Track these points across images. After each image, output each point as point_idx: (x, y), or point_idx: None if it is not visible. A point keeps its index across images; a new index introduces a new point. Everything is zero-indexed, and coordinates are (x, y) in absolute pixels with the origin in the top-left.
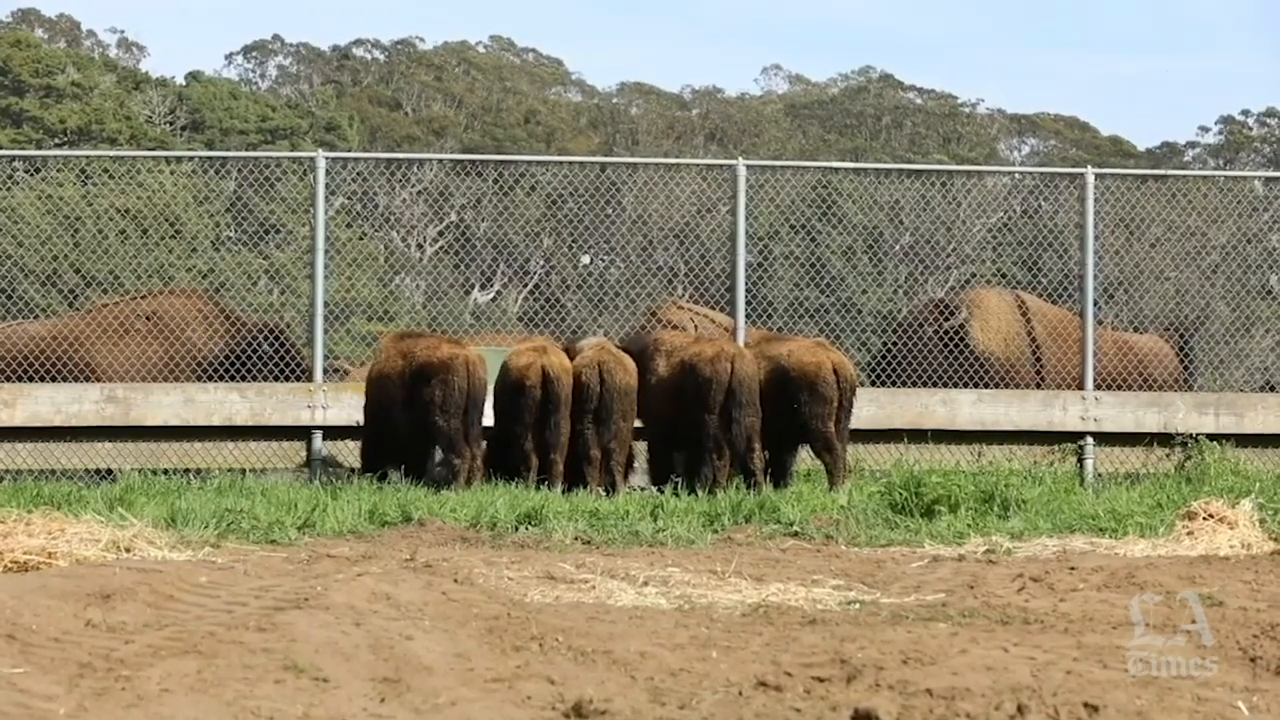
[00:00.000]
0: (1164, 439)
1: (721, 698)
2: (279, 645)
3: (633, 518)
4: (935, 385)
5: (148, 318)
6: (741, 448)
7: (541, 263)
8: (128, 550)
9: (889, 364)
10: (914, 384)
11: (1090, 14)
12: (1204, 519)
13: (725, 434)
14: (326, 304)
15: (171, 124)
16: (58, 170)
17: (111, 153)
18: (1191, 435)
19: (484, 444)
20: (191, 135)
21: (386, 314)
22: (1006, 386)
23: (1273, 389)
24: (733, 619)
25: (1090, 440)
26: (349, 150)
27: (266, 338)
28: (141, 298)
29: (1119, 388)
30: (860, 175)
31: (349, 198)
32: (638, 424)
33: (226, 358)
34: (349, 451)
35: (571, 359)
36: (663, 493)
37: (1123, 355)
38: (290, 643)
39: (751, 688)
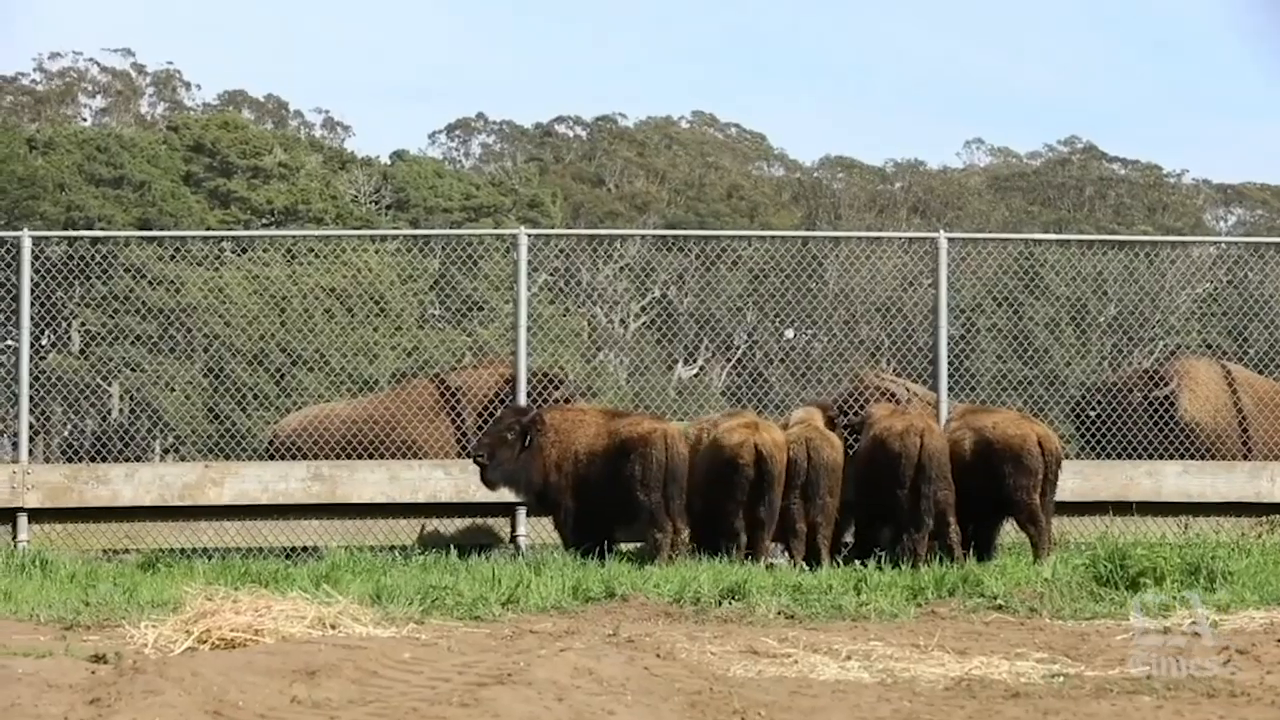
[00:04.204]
0: None
1: None
2: None
3: (836, 592)
4: (1140, 454)
5: (456, 392)
6: (933, 522)
7: (745, 337)
8: (333, 627)
9: (1091, 430)
10: (1119, 452)
11: None
12: None
13: (916, 508)
14: (530, 380)
15: (376, 203)
16: (265, 250)
17: (318, 232)
18: None
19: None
20: (396, 214)
21: (590, 390)
22: (1214, 457)
23: None
24: (935, 692)
25: None
26: (552, 227)
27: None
28: (449, 372)
29: None
30: (1064, 247)
31: (552, 274)
32: None
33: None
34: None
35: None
36: (866, 566)
37: None
38: (493, 718)
39: None
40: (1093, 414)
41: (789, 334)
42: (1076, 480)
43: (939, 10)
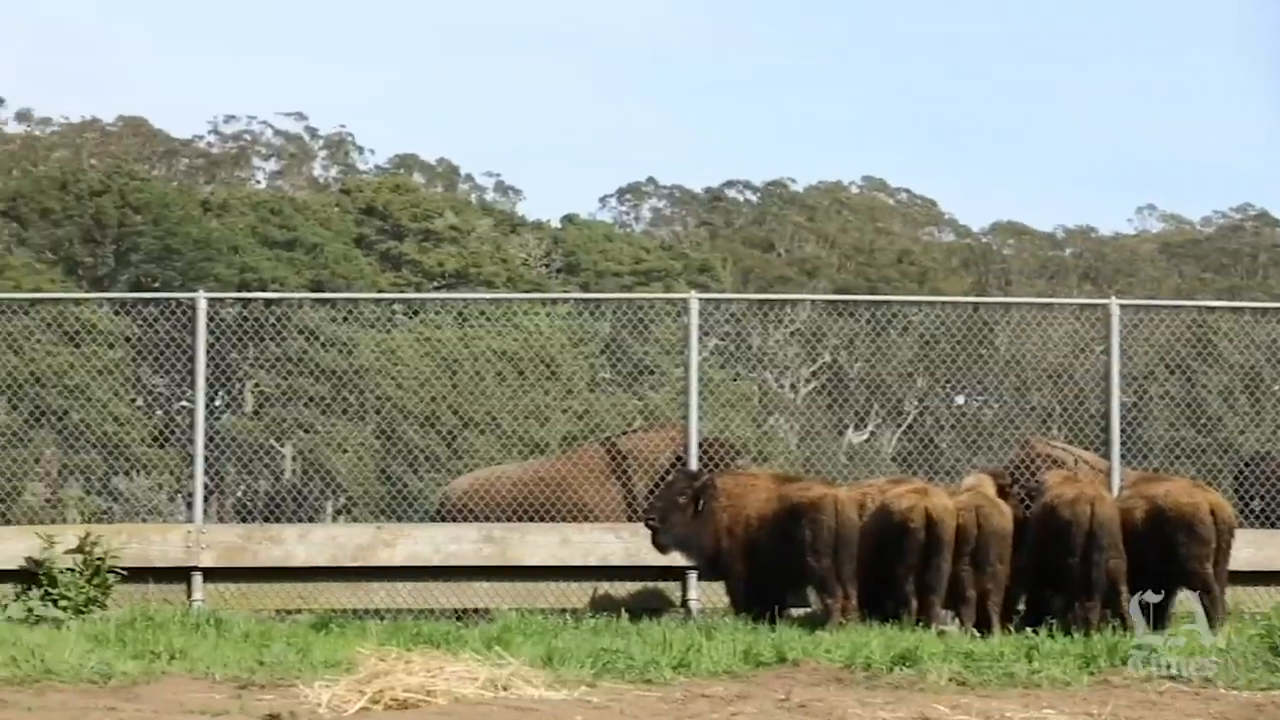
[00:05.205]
0: None
1: None
2: None
3: (1008, 659)
4: None
5: (626, 456)
6: (1105, 590)
7: (915, 403)
8: (505, 689)
9: (1252, 499)
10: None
11: None
12: None
13: (1088, 576)
14: (707, 446)
15: (547, 266)
16: (436, 313)
17: (489, 295)
18: None
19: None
20: (567, 278)
21: (761, 454)
22: None
23: None
24: None
25: None
26: (722, 291)
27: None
28: (620, 435)
29: None
30: (1237, 314)
31: (722, 338)
32: None
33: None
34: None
35: None
36: (1038, 634)
37: None
38: None
39: None
40: (1256, 483)
41: (959, 400)
42: (1251, 549)
43: (1110, 76)
